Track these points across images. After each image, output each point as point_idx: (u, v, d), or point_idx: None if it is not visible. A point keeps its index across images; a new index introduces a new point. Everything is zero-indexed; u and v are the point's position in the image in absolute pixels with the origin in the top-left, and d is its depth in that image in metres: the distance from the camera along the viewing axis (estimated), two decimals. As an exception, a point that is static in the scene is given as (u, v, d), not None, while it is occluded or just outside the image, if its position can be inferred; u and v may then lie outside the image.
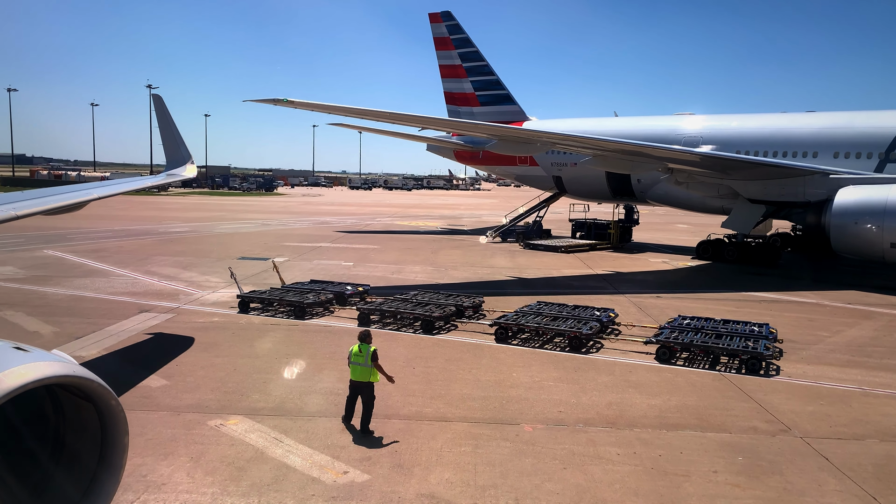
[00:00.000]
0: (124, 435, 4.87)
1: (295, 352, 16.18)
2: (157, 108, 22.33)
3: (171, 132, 22.07)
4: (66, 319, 18.85)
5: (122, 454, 4.93)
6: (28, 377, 4.16)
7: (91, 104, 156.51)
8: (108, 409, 4.73)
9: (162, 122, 22.17)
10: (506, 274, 29.70)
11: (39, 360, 4.45)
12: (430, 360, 15.73)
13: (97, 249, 34.09)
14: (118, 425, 4.83)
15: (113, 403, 4.72)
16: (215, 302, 21.79)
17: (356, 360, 11.25)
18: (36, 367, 4.29)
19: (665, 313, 21.50)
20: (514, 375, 14.64)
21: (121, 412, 4.81)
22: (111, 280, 25.29)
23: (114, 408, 4.75)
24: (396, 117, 29.45)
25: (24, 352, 4.58)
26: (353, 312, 20.32)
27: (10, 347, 4.64)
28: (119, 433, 4.86)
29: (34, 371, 4.24)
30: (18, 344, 4.75)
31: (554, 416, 12.25)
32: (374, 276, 27.39)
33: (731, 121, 40.04)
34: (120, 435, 4.87)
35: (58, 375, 4.38)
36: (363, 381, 11.17)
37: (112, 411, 4.76)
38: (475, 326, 19.03)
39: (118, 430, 4.85)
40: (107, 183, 19.60)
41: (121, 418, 4.82)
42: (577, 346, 16.83)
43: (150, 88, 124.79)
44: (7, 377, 4.10)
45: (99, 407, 4.74)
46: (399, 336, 17.98)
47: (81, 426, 4.84)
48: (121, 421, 4.84)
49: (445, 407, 12.55)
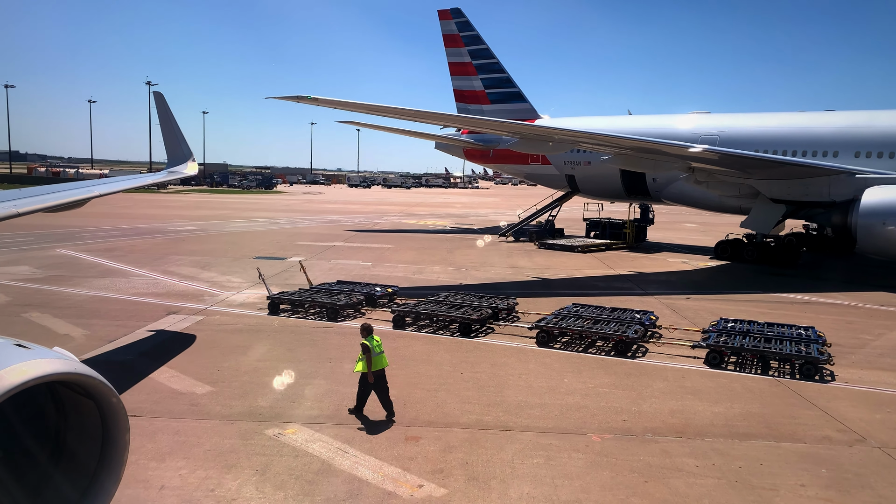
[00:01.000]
0: (125, 432, 4.82)
1: (337, 355, 15.76)
2: (159, 106, 22.05)
3: (172, 129, 21.85)
4: (94, 321, 18.39)
5: (122, 452, 4.87)
6: (30, 374, 4.13)
7: (88, 101, 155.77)
8: (109, 406, 4.68)
9: (163, 119, 21.94)
10: (528, 274, 29.31)
11: (41, 357, 4.40)
12: (475, 364, 15.32)
13: (110, 248, 33.58)
14: (119, 423, 4.77)
15: (114, 401, 4.68)
16: (242, 303, 21.34)
17: (380, 351, 11.74)
18: (37, 365, 4.25)
19: (700, 315, 21.15)
20: (566, 381, 14.25)
21: (122, 409, 4.76)
22: (131, 280, 24.82)
23: (115, 405, 4.70)
24: (420, 115, 29.03)
25: (26, 349, 4.51)
26: (385, 314, 19.91)
27: (12, 344, 4.59)
28: (120, 430, 4.81)
29: (36, 368, 4.20)
30: (20, 341, 4.69)
31: (619, 425, 11.86)
32: (395, 277, 26.97)
33: (748, 119, 39.73)
34: (121, 432, 4.82)
35: (59, 373, 4.34)
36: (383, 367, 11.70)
37: (113, 409, 4.71)
38: (513, 329, 18.65)
39: (119, 427, 4.79)
40: (108, 180, 19.34)
41: (122, 416, 4.77)
42: (622, 350, 16.45)
43: (150, 85, 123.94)
44: (9, 374, 4.06)
45: (100, 404, 4.69)
46: (437, 339, 17.58)
47: (82, 423, 4.81)
48: (122, 418, 4.78)
49: (505, 415, 12.14)
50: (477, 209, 78.93)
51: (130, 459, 9.69)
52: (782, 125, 37.32)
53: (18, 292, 22.11)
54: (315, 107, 26.75)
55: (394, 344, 16.89)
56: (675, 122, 42.33)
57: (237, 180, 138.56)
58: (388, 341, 16.56)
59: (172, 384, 13.39)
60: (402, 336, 17.80)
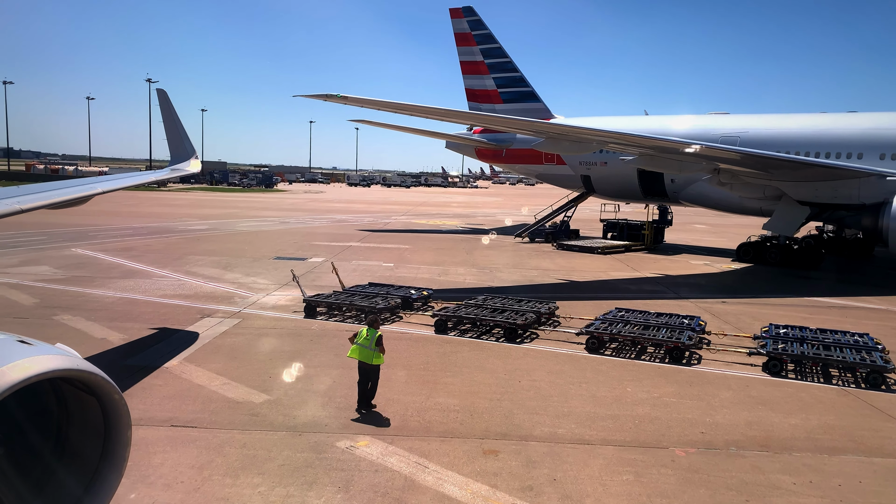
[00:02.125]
0: (127, 429, 4.81)
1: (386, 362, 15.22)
2: (162, 103, 21.77)
3: (175, 127, 21.60)
4: (129, 325, 17.89)
5: (124, 448, 4.86)
6: (32, 370, 4.12)
7: (87, 98, 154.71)
8: (111, 402, 4.67)
9: (166, 117, 21.70)
10: (554, 276, 28.89)
11: (44, 353, 4.39)
12: (531, 372, 14.89)
13: (126, 248, 33.03)
14: (121, 419, 4.76)
15: (116, 398, 4.66)
16: (275, 305, 20.87)
17: (362, 343, 11.92)
18: (40, 361, 4.24)
19: (742, 320, 20.76)
20: (630, 391, 13.82)
21: (124, 406, 4.74)
22: (155, 281, 24.30)
23: (117, 402, 4.68)
24: (449, 114, 28.58)
25: (29, 345, 4.50)
26: (424, 318, 19.48)
27: (15, 341, 4.57)
28: (122, 427, 4.80)
29: (38, 364, 4.20)
30: (22, 337, 4.66)
31: (698, 437, 11.43)
32: (421, 279, 26.54)
33: (769, 120, 39.41)
34: (123, 429, 4.80)
35: (62, 369, 4.33)
36: (368, 363, 11.91)
37: (115, 405, 4.70)
38: (558, 334, 18.21)
39: (121, 423, 4.78)
40: (110, 177, 19.10)
41: (124, 412, 4.76)
42: (677, 357, 16.05)
43: (150, 83, 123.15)
44: (11, 370, 4.04)
45: (102, 401, 4.67)
46: (484, 345, 17.13)
47: (84, 420, 4.79)
48: (123, 415, 4.76)
49: (578, 428, 11.70)
50: (482, 209, 78.56)
51: (203, 475, 9.25)
52: (805, 126, 36.98)
53: (44, 293, 21.57)
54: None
55: (441, 349, 16.47)
56: (694, 122, 41.96)
57: (237, 178, 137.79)
58: (435, 346, 16.21)
59: (226, 392, 12.91)
60: (447, 341, 17.35)
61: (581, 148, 29.62)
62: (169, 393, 12.77)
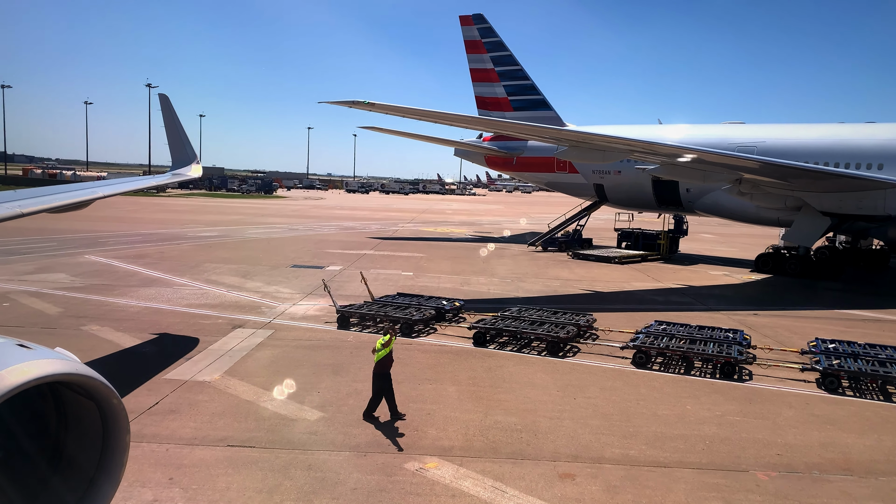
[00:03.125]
0: (125, 434, 4.78)
1: (432, 377, 14.85)
2: (164, 108, 21.68)
3: (176, 132, 21.51)
4: (160, 336, 17.38)
5: (122, 453, 4.82)
6: (31, 374, 4.10)
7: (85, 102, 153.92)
8: (110, 407, 4.65)
9: (168, 121, 21.61)
10: (578, 287, 28.48)
11: (43, 357, 4.36)
12: (583, 388, 14.45)
13: (140, 255, 32.49)
14: (120, 423, 4.73)
15: (115, 402, 4.64)
16: (305, 316, 20.40)
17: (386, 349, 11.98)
18: (39, 365, 4.22)
19: (779, 333, 20.40)
20: (690, 409, 13.40)
21: (122, 411, 4.71)
22: (177, 290, 23.79)
23: (115, 406, 4.66)
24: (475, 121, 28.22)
25: (28, 349, 4.47)
26: (459, 330, 19.06)
27: (14, 344, 4.55)
28: (121, 431, 4.76)
29: (38, 368, 4.18)
30: (21, 341, 4.64)
31: (774, 459, 11.01)
32: (444, 288, 26.09)
33: (785, 130, 39.19)
34: (121, 433, 4.77)
35: (61, 373, 4.31)
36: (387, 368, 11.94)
37: (114, 410, 4.67)
38: (600, 348, 17.78)
39: (120, 428, 4.75)
40: (111, 182, 18.95)
41: (122, 417, 4.72)
42: (729, 372, 15.64)
43: (150, 87, 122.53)
44: (11, 374, 4.02)
45: (101, 405, 4.65)
46: (527, 359, 16.70)
47: (83, 425, 4.77)
48: (122, 419, 4.73)
49: (650, 449, 11.26)
50: (486, 216, 78.14)
51: (274, 500, 8.75)
52: (824, 137, 36.73)
53: (66, 302, 21.05)
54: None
55: (484, 363, 16.03)
56: (708, 131, 41.68)
57: (236, 184, 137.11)
58: (477, 360, 15.77)
59: (277, 409, 12.43)
60: (488, 354, 16.90)
61: (605, 157, 29.22)
62: (218, 409, 12.28)
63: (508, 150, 50.31)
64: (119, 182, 19.63)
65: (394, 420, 11.98)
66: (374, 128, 48.66)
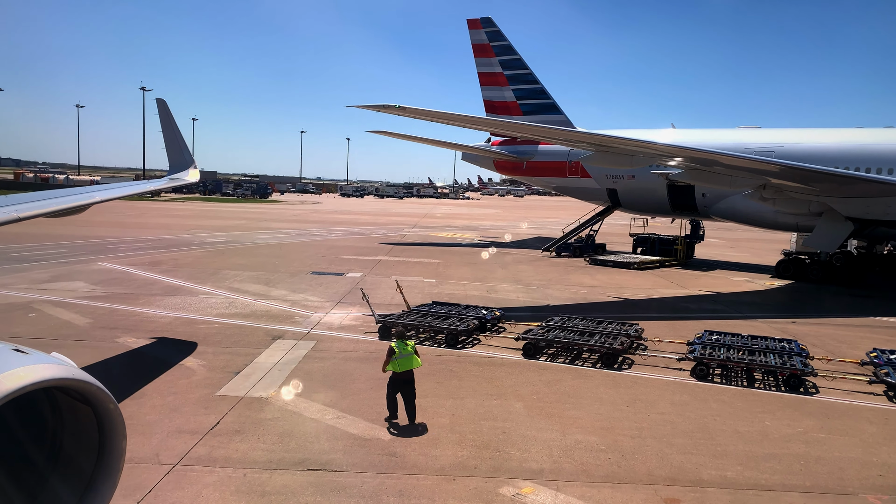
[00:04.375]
0: (122, 439, 4.75)
1: (493, 391, 14.30)
2: (161, 113, 21.49)
3: (174, 136, 21.36)
4: (201, 348, 16.82)
5: (119, 459, 4.79)
6: (27, 379, 4.06)
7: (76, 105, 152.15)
8: (106, 412, 4.62)
9: (165, 126, 21.41)
10: (606, 294, 27.99)
11: (39, 362, 4.33)
12: (653, 403, 13.94)
13: (154, 262, 31.77)
14: (116, 429, 4.69)
15: (111, 407, 4.61)
16: (341, 326, 19.81)
17: (406, 354, 11.94)
18: (35, 370, 4.19)
19: (825, 342, 20.00)
20: (769, 424, 12.93)
21: (119, 416, 4.67)
22: (203, 299, 23.12)
23: (112, 411, 4.63)
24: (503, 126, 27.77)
25: (24, 354, 4.44)
26: (504, 340, 18.52)
27: (10, 349, 4.50)
28: (117, 437, 4.73)
29: (33, 373, 4.14)
30: (17, 346, 4.57)
31: (878, 481, 10.53)
32: (472, 296, 25.59)
33: (803, 135, 38.88)
34: (118, 439, 4.74)
35: (57, 378, 4.28)
36: (412, 367, 11.98)
37: (111, 415, 4.64)
38: (655, 360, 17.24)
39: (116, 433, 4.71)
40: (108, 186, 18.89)
41: (119, 422, 4.69)
42: (795, 385, 15.16)
43: (145, 91, 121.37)
44: (6, 379, 3.97)
45: (98, 410, 4.61)
46: (583, 371, 16.17)
47: (79, 430, 4.73)
48: (119, 424, 4.69)
49: (746, 470, 10.75)
50: (487, 221, 77.67)
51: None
52: (843, 141, 36.46)
53: (93, 312, 20.36)
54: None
55: (541, 377, 15.49)
56: (724, 136, 41.39)
57: (231, 188, 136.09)
58: (533, 373, 15.31)
59: (346, 427, 11.83)
60: (542, 367, 16.37)
61: (633, 161, 28.75)
62: (285, 429, 11.68)
63: (518, 155, 49.88)
64: (117, 186, 19.54)
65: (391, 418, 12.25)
66: (384, 132, 48.19)
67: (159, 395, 13.15)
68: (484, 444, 11.31)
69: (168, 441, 10.92)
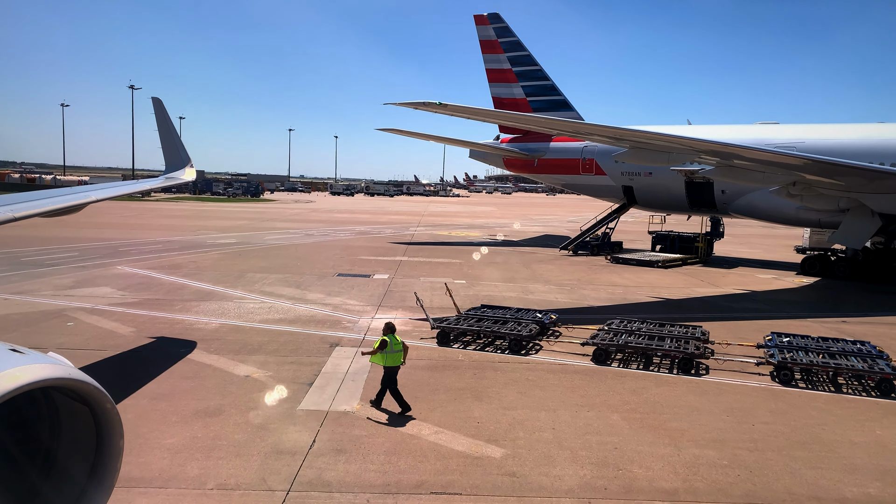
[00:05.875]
0: (119, 438, 4.72)
1: (582, 402, 13.68)
2: (157, 112, 21.48)
3: (170, 135, 21.32)
4: (261, 358, 16.02)
5: (116, 458, 4.76)
6: (24, 379, 4.03)
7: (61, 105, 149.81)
8: (103, 412, 4.60)
9: (161, 125, 21.39)
10: (643, 294, 27.48)
11: (35, 362, 4.30)
12: (750, 412, 13.43)
13: (173, 265, 30.85)
14: (113, 428, 4.67)
15: (108, 406, 4.59)
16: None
17: (397, 350, 12.39)
18: (31, 370, 4.17)
19: (886, 343, 19.43)
20: (880, 434, 12.48)
21: (116, 415, 4.65)
22: (240, 304, 22.34)
23: (109, 411, 4.61)
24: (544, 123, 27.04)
25: (20, 354, 4.43)
26: (566, 346, 17.92)
27: (6, 349, 4.49)
28: (114, 437, 4.70)
29: (30, 373, 4.12)
30: (14, 346, 4.55)
31: None
32: (509, 297, 25.04)
33: (825, 130, 38.61)
34: (115, 438, 4.71)
35: (54, 378, 4.26)
36: (399, 364, 12.51)
37: (108, 414, 4.63)
38: (729, 364, 16.65)
39: (113, 433, 4.69)
40: (105, 185, 18.88)
41: (116, 422, 4.67)
42: (886, 390, 14.65)
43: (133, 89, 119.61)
44: (2, 379, 3.94)
45: (95, 410, 4.59)
46: (661, 378, 15.62)
47: (76, 429, 4.69)
48: (116, 424, 4.68)
49: (888, 487, 10.20)
50: (488, 218, 77.11)
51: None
52: (867, 136, 36.19)
53: (133, 320, 19.54)
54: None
55: (624, 385, 14.92)
56: (744, 132, 40.99)
57: (221, 188, 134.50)
58: (614, 381, 14.72)
59: (451, 444, 11.15)
60: (619, 374, 15.77)
61: (670, 159, 28.19)
62: (388, 447, 10.98)
63: (529, 152, 49.32)
64: (112, 186, 19.46)
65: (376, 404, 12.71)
66: (393, 130, 47.48)
67: (238, 411, 12.40)
68: (601, 462, 10.66)
69: (269, 463, 10.17)
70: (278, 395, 13.39)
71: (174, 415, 12.09)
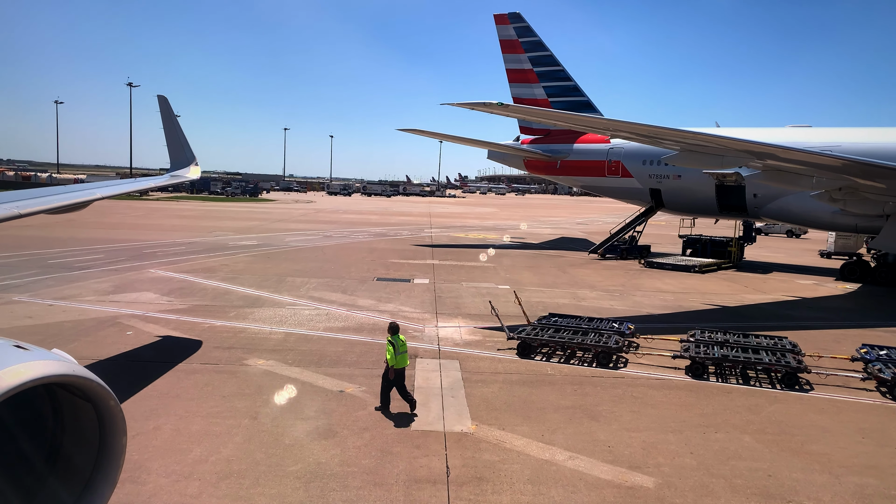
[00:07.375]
0: (122, 435, 4.65)
1: (704, 423, 12.95)
2: (163, 110, 21.19)
3: (175, 133, 20.99)
4: (343, 371, 15.27)
5: (119, 455, 4.70)
6: (27, 375, 4.02)
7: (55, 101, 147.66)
8: (106, 409, 4.54)
9: (167, 123, 21.10)
10: (695, 301, 26.81)
11: (40, 358, 4.28)
12: (883, 432, 12.77)
13: (207, 269, 29.93)
14: (116, 425, 4.61)
15: (112, 404, 4.53)
16: (466, 341, 18.40)
17: (404, 350, 12.38)
18: (36, 366, 4.14)
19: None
20: None
21: (119, 413, 4.57)
22: (294, 311, 21.51)
23: (112, 408, 4.55)
24: (611, 125, 26.27)
25: (25, 350, 4.40)
26: (654, 358, 17.18)
27: (11, 346, 4.45)
28: (117, 433, 4.64)
29: (34, 369, 4.10)
30: (18, 342, 4.51)
31: None
32: (562, 304, 24.35)
33: (860, 134, 38.08)
34: (118, 435, 4.65)
35: (58, 374, 4.23)
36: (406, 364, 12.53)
37: (111, 412, 4.56)
38: (831, 379, 15.94)
39: (116, 430, 4.63)
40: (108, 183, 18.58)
41: (119, 419, 4.59)
42: None
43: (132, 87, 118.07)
44: (7, 375, 3.95)
45: (98, 407, 4.54)
46: (770, 394, 14.94)
47: (80, 426, 4.66)
48: (119, 421, 4.61)
49: None
50: (497, 220, 76.36)
51: None
52: (906, 140, 35.65)
53: (192, 329, 18.67)
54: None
55: (738, 402, 14.25)
56: (776, 135, 40.36)
57: (220, 187, 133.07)
58: (725, 398, 14.15)
59: (591, 471, 10.38)
60: (725, 390, 15.09)
61: (723, 162, 27.51)
62: (528, 475, 10.26)
63: (552, 154, 48.64)
64: (118, 183, 19.24)
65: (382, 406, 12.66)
66: (413, 130, 46.61)
67: (350, 432, 11.57)
68: (763, 493, 9.91)
69: (413, 493, 9.37)
70: (382, 413, 12.55)
71: (286, 437, 11.24)
